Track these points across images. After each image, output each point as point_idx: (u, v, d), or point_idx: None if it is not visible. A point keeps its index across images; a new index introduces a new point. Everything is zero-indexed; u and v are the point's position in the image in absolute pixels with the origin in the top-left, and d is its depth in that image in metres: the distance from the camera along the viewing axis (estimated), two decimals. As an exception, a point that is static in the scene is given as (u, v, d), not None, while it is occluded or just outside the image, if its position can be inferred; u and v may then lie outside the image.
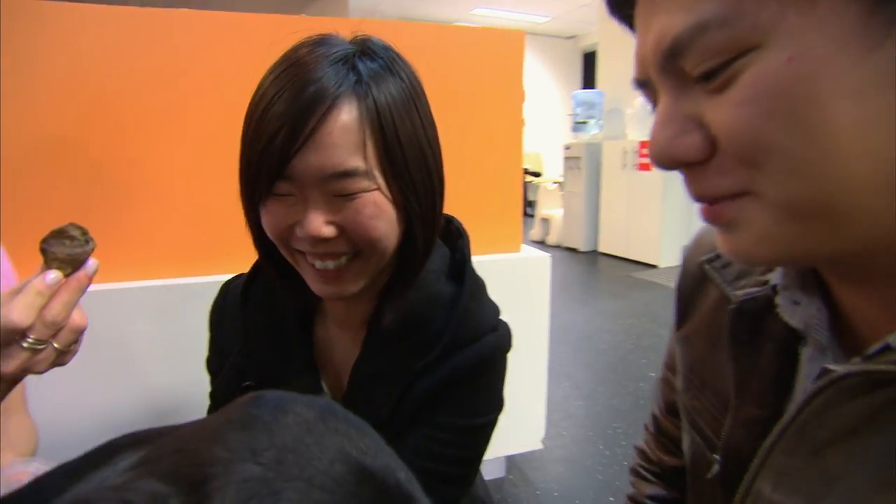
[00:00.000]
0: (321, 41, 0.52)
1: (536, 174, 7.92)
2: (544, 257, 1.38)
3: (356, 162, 0.49)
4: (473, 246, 0.65)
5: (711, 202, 0.30)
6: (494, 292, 0.66)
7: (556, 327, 3.03)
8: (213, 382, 0.71)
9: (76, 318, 0.50)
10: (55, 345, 0.49)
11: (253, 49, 1.08)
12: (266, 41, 1.04)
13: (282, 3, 5.06)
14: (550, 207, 5.57)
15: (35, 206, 0.99)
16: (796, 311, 0.37)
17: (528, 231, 5.98)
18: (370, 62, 0.51)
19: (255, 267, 0.66)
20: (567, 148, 5.07)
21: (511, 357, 0.65)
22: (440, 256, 0.63)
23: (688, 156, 0.29)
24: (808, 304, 0.36)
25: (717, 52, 0.26)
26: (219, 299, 0.71)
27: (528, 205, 7.56)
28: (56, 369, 0.51)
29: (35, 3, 0.95)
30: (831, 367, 0.31)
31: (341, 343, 0.64)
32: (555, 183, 5.85)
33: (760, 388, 0.39)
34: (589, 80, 8.57)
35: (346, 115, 0.48)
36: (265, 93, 0.50)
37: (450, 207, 0.60)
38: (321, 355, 0.65)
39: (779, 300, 0.38)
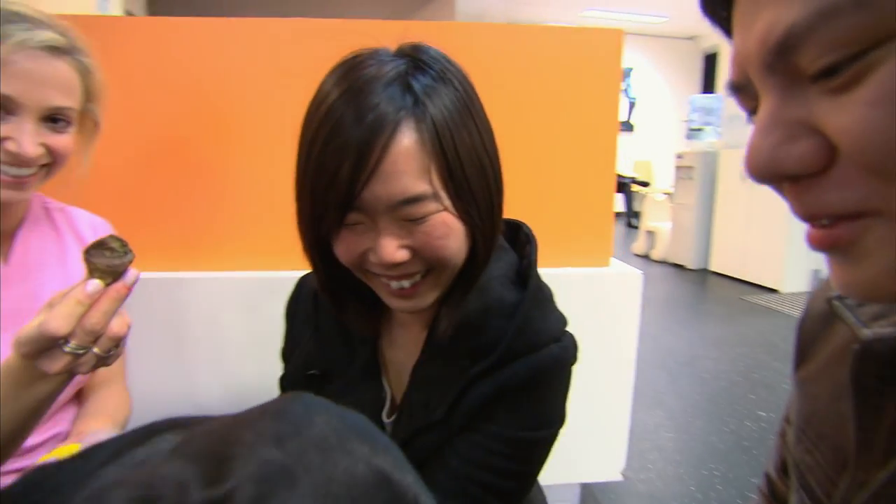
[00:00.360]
0: (371, 59, 0.51)
1: (645, 184, 7.50)
2: (636, 274, 1.27)
3: (422, 186, 0.49)
4: (558, 257, 0.62)
5: (826, 224, 0.26)
6: (577, 308, 0.62)
7: (653, 350, 2.82)
8: (284, 370, 0.74)
9: (115, 326, 0.52)
10: (95, 350, 0.51)
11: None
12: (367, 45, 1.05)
13: (391, 8, 5.27)
14: (657, 220, 5.22)
15: (143, 199, 1.09)
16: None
17: (631, 244, 5.66)
18: (422, 76, 0.50)
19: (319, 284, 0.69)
20: (679, 157, 4.72)
21: (592, 378, 0.60)
22: (507, 262, 0.62)
23: (798, 165, 0.25)
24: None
25: (847, 42, 0.22)
26: (294, 293, 0.73)
27: (634, 216, 7.17)
28: (149, 347, 0.54)
29: (143, 20, 1.04)
30: None
31: (404, 343, 0.65)
32: (664, 194, 5.48)
33: (887, 446, 0.35)
34: (709, 84, 7.96)
35: (408, 140, 0.48)
36: (323, 121, 0.49)
37: (535, 215, 0.57)
38: (384, 353, 0.66)
39: (854, 321, 0.35)
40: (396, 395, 0.66)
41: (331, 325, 0.66)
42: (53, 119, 0.67)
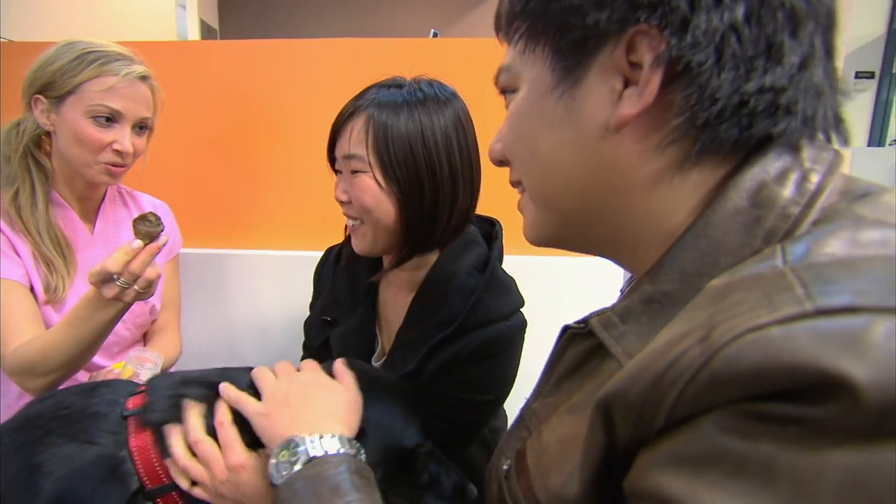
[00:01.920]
0: (389, 79, 0.75)
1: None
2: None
3: (357, 150, 0.71)
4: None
5: (519, 193, 0.43)
6: (570, 293, 0.89)
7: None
8: (308, 317, 0.94)
9: (149, 272, 0.76)
10: (135, 287, 0.75)
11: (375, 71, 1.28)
12: (396, 64, 1.21)
13: (439, 16, 5.42)
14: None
15: (196, 188, 1.32)
16: None
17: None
18: (396, 91, 0.72)
19: (342, 243, 0.88)
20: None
21: None
22: (476, 254, 0.78)
23: (497, 155, 0.43)
24: None
25: (504, 86, 0.41)
26: (322, 258, 0.94)
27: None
28: (198, 310, 0.74)
29: (202, 44, 1.25)
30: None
31: (395, 305, 0.83)
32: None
33: None
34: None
35: (359, 121, 0.71)
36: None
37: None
38: (380, 308, 0.85)
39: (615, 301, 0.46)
40: (385, 346, 0.84)
41: (343, 284, 0.86)
42: (140, 126, 0.90)
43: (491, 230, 0.82)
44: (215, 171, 1.32)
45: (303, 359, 0.94)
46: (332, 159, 0.77)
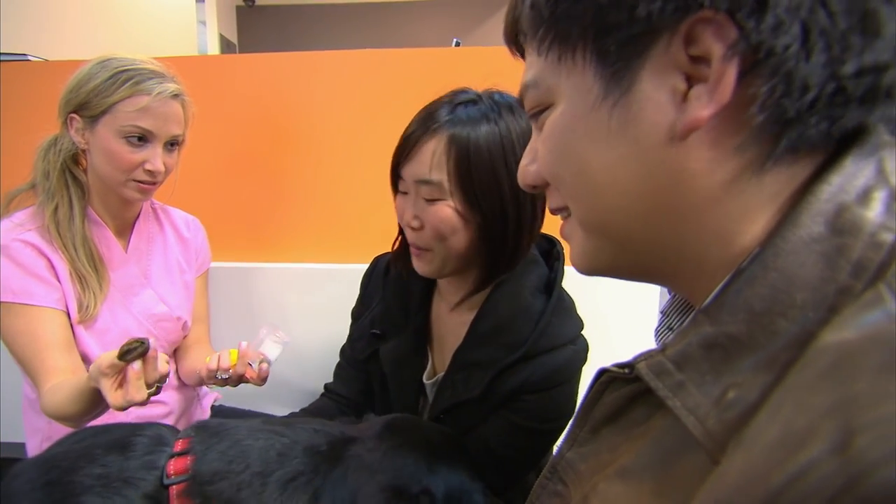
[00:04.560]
0: (456, 91, 0.71)
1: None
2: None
3: (435, 176, 0.66)
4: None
5: (562, 219, 0.39)
6: (603, 307, 0.77)
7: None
8: (351, 327, 0.92)
9: (157, 375, 0.70)
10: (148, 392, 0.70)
11: (401, 82, 1.28)
12: (413, 74, 1.19)
13: (460, 22, 5.44)
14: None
15: (225, 203, 1.32)
16: (666, 336, 0.40)
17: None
18: (473, 108, 0.67)
19: (392, 254, 0.85)
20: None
21: None
22: (537, 274, 0.75)
23: (531, 180, 0.38)
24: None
25: (533, 104, 0.36)
26: (370, 268, 0.91)
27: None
28: (226, 323, 0.74)
29: (229, 58, 1.26)
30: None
31: (448, 322, 0.81)
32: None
33: None
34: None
35: (434, 143, 0.66)
36: (408, 124, 0.72)
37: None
38: (433, 325, 0.83)
39: (657, 325, 0.41)
40: (437, 363, 0.81)
41: (394, 297, 0.83)
42: (171, 143, 0.90)
43: (551, 249, 0.79)
44: (242, 184, 1.33)
45: (338, 370, 0.93)
46: (395, 179, 0.72)
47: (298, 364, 1.34)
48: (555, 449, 0.44)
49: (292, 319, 1.33)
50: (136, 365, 0.68)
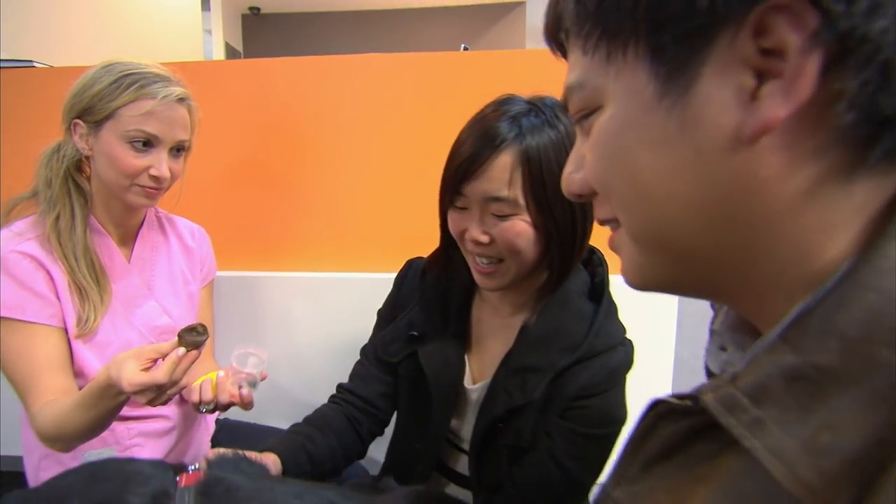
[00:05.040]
0: (505, 101, 0.70)
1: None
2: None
3: (506, 192, 0.66)
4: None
5: (611, 230, 0.36)
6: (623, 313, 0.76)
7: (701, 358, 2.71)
8: (376, 327, 0.92)
9: (184, 378, 0.74)
10: (169, 392, 0.73)
11: (403, 86, 1.25)
12: (419, 78, 1.17)
13: (462, 28, 5.45)
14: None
15: (231, 211, 1.30)
16: (718, 357, 0.37)
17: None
18: (534, 118, 0.67)
19: (434, 254, 0.84)
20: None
21: (631, 386, 0.74)
22: (582, 280, 0.77)
23: (578, 189, 0.36)
24: (735, 351, 0.35)
25: (579, 108, 0.33)
26: (403, 270, 0.91)
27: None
28: (230, 334, 0.80)
29: (236, 63, 1.24)
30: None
31: (491, 326, 0.81)
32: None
33: None
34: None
35: (505, 158, 0.66)
36: (460, 137, 0.70)
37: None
38: (473, 329, 0.83)
39: (707, 344, 0.38)
40: (476, 369, 0.81)
41: (433, 298, 0.83)
42: (178, 149, 0.87)
43: (590, 257, 0.81)
44: (248, 192, 1.30)
45: (359, 368, 0.90)
46: (453, 195, 0.70)
47: (304, 375, 1.31)
48: (594, 489, 0.41)
49: (299, 329, 1.30)
50: (181, 351, 0.71)
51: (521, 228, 0.67)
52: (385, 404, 0.87)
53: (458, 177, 0.68)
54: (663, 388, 1.34)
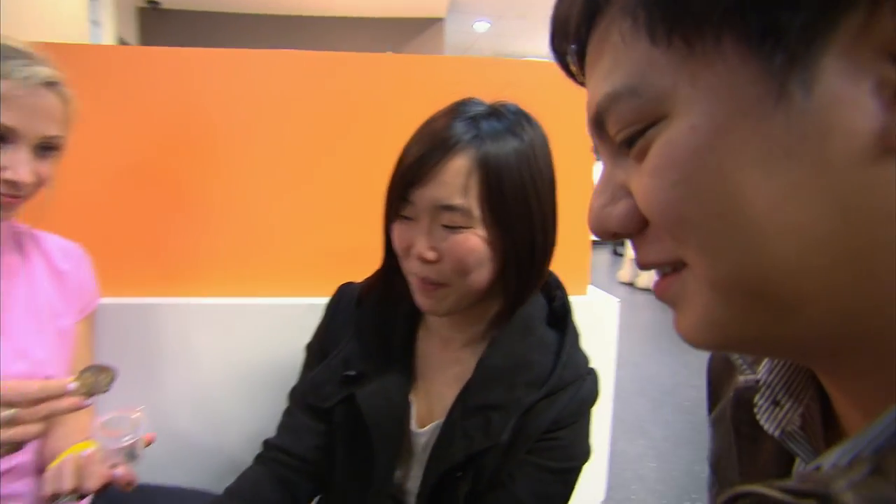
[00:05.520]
0: (462, 103, 0.64)
1: (629, 212, 7.61)
2: (612, 302, 1.28)
3: (459, 200, 0.58)
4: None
5: (660, 274, 0.28)
6: None
7: (637, 377, 2.82)
8: (305, 364, 0.80)
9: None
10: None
11: (325, 85, 1.13)
12: (337, 78, 1.07)
13: (382, 41, 5.39)
14: (641, 247, 5.28)
15: (119, 225, 1.09)
16: (774, 413, 0.33)
17: (618, 272, 5.71)
18: (495, 122, 0.61)
19: (372, 277, 0.75)
20: (661, 186, 4.82)
21: None
22: (541, 305, 0.71)
23: (618, 224, 0.28)
24: (792, 406, 0.32)
25: (631, 120, 0.26)
26: (335, 297, 0.79)
27: (619, 244, 7.24)
28: (122, 373, 0.65)
29: (128, 49, 1.06)
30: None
31: (440, 361, 0.72)
32: (647, 222, 5.55)
33: None
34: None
35: (460, 162, 0.58)
36: (410, 140, 0.63)
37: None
38: (418, 364, 0.73)
39: (757, 398, 0.34)
40: (423, 410, 0.72)
41: (372, 330, 0.73)
42: (44, 147, 0.69)
43: (546, 279, 0.76)
44: (139, 201, 1.10)
45: (288, 419, 0.77)
46: (399, 203, 0.62)
47: (212, 421, 1.12)
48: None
49: (204, 366, 1.11)
50: (73, 386, 0.60)
51: (474, 244, 0.60)
52: (322, 458, 0.75)
53: (406, 181, 0.61)
54: (604, 405, 1.31)
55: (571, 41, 0.28)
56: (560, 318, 0.71)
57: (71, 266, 0.84)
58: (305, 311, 0.80)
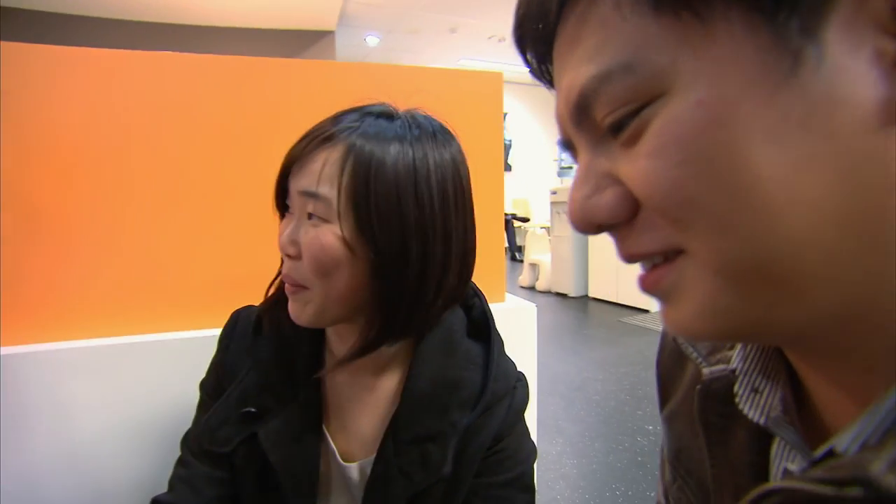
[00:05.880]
0: (370, 104, 0.61)
1: (525, 219, 7.96)
2: (530, 307, 1.29)
3: (324, 189, 0.55)
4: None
5: (647, 267, 0.27)
6: None
7: (546, 377, 2.91)
8: (201, 405, 0.71)
9: None
10: None
11: (216, 90, 1.02)
12: (229, 82, 0.97)
13: (273, 50, 5.16)
14: (539, 252, 5.53)
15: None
16: (756, 401, 0.33)
17: (517, 277, 5.91)
18: (384, 121, 0.58)
19: (270, 298, 0.68)
20: (553, 193, 5.09)
21: None
22: (459, 316, 0.67)
23: (606, 215, 0.27)
24: (771, 392, 0.32)
25: (624, 100, 0.24)
26: (229, 324, 0.72)
27: (518, 250, 7.54)
28: None
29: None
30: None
31: (353, 390, 0.66)
32: (542, 228, 5.84)
33: (735, 481, 0.35)
34: (574, 127, 8.81)
35: (333, 152, 0.55)
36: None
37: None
38: (329, 394, 0.67)
39: (737, 387, 0.34)
40: (341, 444, 0.65)
41: (272, 358, 0.65)
42: None
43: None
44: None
45: (182, 470, 0.66)
46: (281, 194, 0.60)
47: (88, 479, 0.95)
48: None
49: (77, 418, 0.94)
50: None
51: (329, 241, 0.54)
52: None
53: (285, 169, 0.59)
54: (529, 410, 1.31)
55: (551, 23, 0.26)
56: (481, 328, 0.68)
57: None
58: (198, 345, 0.70)
